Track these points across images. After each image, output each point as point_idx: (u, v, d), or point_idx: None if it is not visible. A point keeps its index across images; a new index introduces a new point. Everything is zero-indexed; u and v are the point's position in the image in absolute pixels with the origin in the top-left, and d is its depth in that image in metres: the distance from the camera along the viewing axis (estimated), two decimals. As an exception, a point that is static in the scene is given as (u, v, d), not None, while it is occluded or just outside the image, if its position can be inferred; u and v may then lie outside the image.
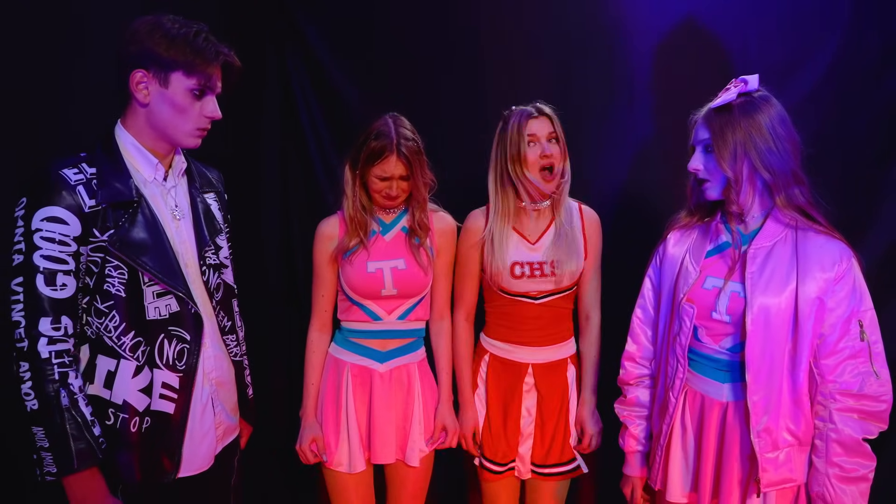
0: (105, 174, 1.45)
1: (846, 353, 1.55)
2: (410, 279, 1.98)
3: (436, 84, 2.41)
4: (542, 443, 2.04)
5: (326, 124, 2.52)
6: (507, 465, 2.05)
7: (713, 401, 1.65)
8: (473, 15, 2.39)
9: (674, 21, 2.27)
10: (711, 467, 1.66)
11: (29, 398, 1.37)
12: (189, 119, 1.48)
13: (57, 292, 1.39)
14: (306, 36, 2.46)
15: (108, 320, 1.46)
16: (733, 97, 1.58)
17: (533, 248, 2.01)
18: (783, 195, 1.58)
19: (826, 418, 1.56)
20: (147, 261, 1.46)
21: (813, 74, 2.18)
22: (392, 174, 1.90)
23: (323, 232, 2.03)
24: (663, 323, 1.77)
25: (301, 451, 2.02)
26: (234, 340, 1.73)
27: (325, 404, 2.04)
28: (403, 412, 2.02)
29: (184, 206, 1.59)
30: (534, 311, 2.02)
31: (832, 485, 1.55)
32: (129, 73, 1.44)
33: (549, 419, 2.03)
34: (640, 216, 2.33)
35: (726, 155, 1.57)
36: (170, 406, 1.52)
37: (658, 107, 2.32)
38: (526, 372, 2.04)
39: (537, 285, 2.01)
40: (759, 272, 1.58)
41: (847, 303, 1.55)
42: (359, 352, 2.02)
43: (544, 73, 2.36)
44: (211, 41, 1.46)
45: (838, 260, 1.55)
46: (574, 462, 2.06)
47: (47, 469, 1.38)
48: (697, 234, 1.74)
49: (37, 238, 1.37)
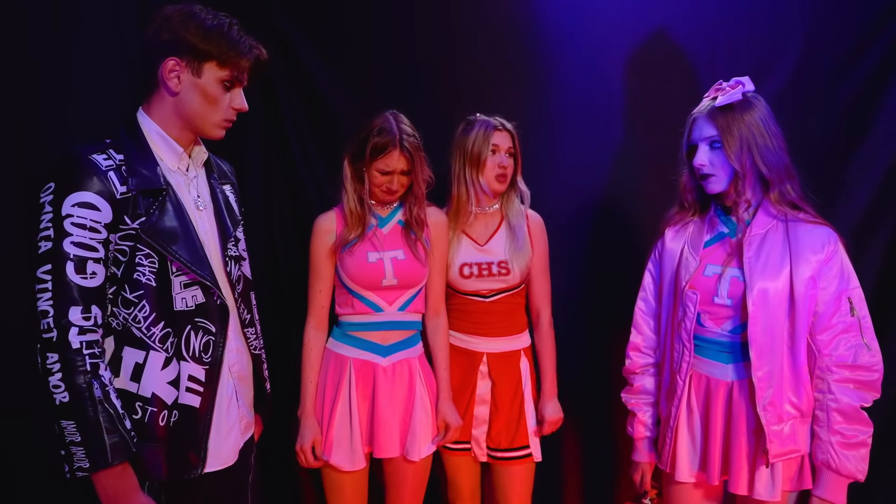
0: (133, 160, 1.42)
1: (839, 328, 1.67)
2: (410, 269, 2.02)
3: (418, 86, 2.46)
4: (495, 428, 2.13)
5: (310, 124, 2.54)
6: (460, 444, 2.14)
7: (718, 381, 1.74)
8: (454, 19, 2.47)
9: (647, 30, 2.39)
10: (719, 445, 1.74)
11: (58, 391, 1.31)
12: (218, 110, 1.48)
13: (87, 280, 1.34)
14: (288, 36, 2.48)
15: (136, 310, 1.42)
16: (739, 96, 1.70)
17: (481, 249, 2.13)
18: (777, 190, 1.71)
19: (825, 390, 1.67)
20: (177, 249, 1.43)
21: (778, 80, 2.34)
22: (394, 168, 1.95)
23: (321, 226, 2.04)
24: (666, 312, 1.87)
25: (302, 451, 1.99)
26: (254, 333, 1.70)
27: (325, 400, 2.02)
28: (405, 406, 2.03)
29: (205, 196, 1.58)
30: (484, 307, 2.14)
31: (836, 451, 1.65)
32: (161, 61, 1.42)
33: (503, 406, 2.13)
34: (616, 218, 2.47)
35: (734, 149, 1.68)
36: (196, 399, 1.48)
37: (634, 111, 2.44)
38: (481, 360, 2.15)
39: (486, 284, 2.12)
40: (756, 257, 1.69)
41: (837, 282, 1.67)
42: (361, 346, 2.03)
43: (526, 77, 2.46)
44: (244, 34, 1.47)
45: (827, 242, 1.68)
46: (526, 449, 2.15)
47: (78, 465, 1.31)
48: (693, 227, 1.84)
49: (67, 224, 1.33)
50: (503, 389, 2.14)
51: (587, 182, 2.49)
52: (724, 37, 2.37)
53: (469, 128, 2.10)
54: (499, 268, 2.11)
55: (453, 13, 2.46)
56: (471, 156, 2.08)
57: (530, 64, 2.46)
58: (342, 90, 2.49)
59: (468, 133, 2.09)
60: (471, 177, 2.09)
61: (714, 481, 1.75)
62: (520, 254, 2.11)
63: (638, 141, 2.43)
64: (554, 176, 2.43)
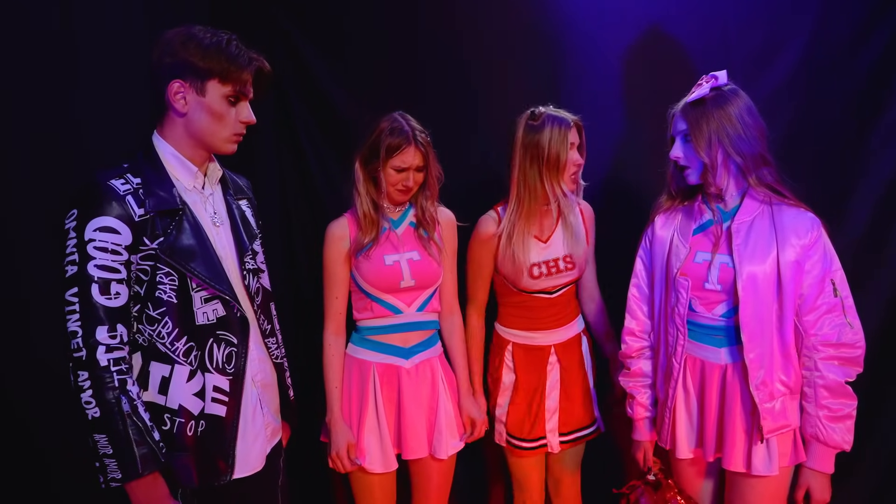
0: (150, 183, 1.48)
1: (823, 308, 1.76)
2: (426, 269, 2.05)
3: (426, 85, 2.48)
4: (568, 411, 2.17)
5: (320, 126, 2.56)
6: (536, 440, 2.16)
7: (713, 365, 1.83)
8: (461, 18, 2.47)
9: (655, 15, 2.39)
10: (714, 424, 1.84)
11: (90, 406, 1.38)
12: (226, 125, 1.52)
13: (111, 301, 1.41)
14: (294, 38, 2.50)
15: (160, 327, 1.48)
16: (707, 91, 1.78)
17: (545, 246, 2.11)
18: (754, 176, 1.79)
19: (812, 367, 1.77)
20: (196, 266, 1.49)
21: (789, 62, 2.35)
22: (410, 164, 1.97)
23: (334, 233, 2.05)
24: (658, 298, 1.95)
25: (338, 458, 2.02)
26: (275, 343, 1.76)
27: (352, 406, 2.06)
28: (429, 406, 2.07)
29: (222, 212, 1.63)
30: (547, 303, 2.16)
31: (823, 424, 1.76)
32: (166, 84, 1.47)
33: (573, 388, 2.18)
34: (621, 203, 2.49)
35: (702, 143, 1.76)
36: (222, 409, 1.55)
37: (641, 101, 2.44)
38: (549, 352, 2.17)
39: (553, 281, 2.13)
40: (745, 244, 1.78)
41: (820, 265, 1.77)
42: (383, 350, 2.06)
43: (533, 73, 2.46)
44: (242, 48, 1.51)
45: (810, 228, 1.77)
46: (594, 424, 2.22)
47: (111, 475, 1.39)
48: (682, 215, 1.93)
49: (90, 248, 1.39)
50: (571, 373, 2.18)
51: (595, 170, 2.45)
52: (736, 17, 2.36)
53: (539, 126, 1.99)
54: (564, 263, 2.11)
55: (460, 12, 2.46)
56: (548, 158, 1.98)
57: (538, 59, 2.46)
58: (352, 93, 2.50)
59: (539, 132, 1.99)
60: (549, 177, 1.99)
61: (709, 458, 1.86)
62: (579, 246, 2.12)
63: (646, 134, 2.41)
64: None
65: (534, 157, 2.01)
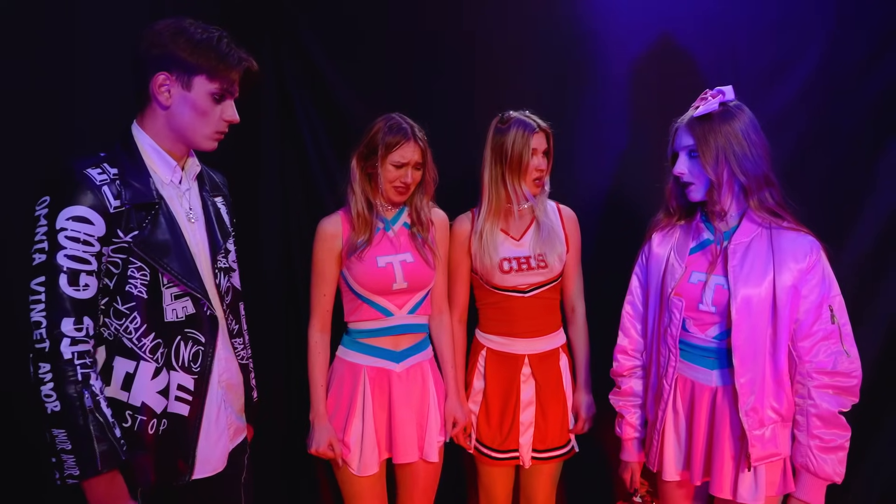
0: (127, 174, 1.45)
1: (819, 335, 1.71)
2: (419, 272, 2.03)
3: (430, 89, 2.47)
4: (543, 429, 2.13)
5: (324, 126, 2.55)
6: (506, 452, 2.14)
7: (703, 386, 1.78)
8: (469, 19, 2.47)
9: (666, 27, 2.39)
10: (702, 447, 1.79)
11: (50, 400, 1.34)
12: (209, 122, 1.50)
13: (80, 292, 1.37)
14: (301, 38, 2.50)
15: (128, 321, 1.45)
16: (715, 106, 1.73)
17: (518, 244, 2.12)
18: (755, 198, 1.74)
19: (805, 395, 1.71)
20: (169, 262, 1.47)
21: (802, 74, 2.33)
22: (409, 160, 1.96)
23: (326, 230, 2.03)
24: (652, 317, 1.90)
25: (318, 454, 2.01)
26: (242, 343, 1.74)
27: (340, 409, 2.03)
28: (419, 409, 2.05)
29: (197, 208, 1.60)
30: (523, 304, 2.13)
31: (814, 455, 1.70)
32: (151, 76, 1.44)
33: (549, 406, 2.14)
34: (623, 216, 2.47)
35: (710, 159, 1.71)
36: (184, 408, 1.52)
37: (647, 113, 2.43)
38: (522, 363, 2.15)
39: (525, 278, 2.12)
40: (740, 266, 1.73)
41: (818, 290, 1.71)
42: (374, 353, 2.03)
43: (536, 80, 2.46)
44: (233, 47, 1.49)
45: (809, 252, 1.71)
46: (569, 444, 2.19)
47: (69, 472, 1.35)
48: (680, 233, 1.88)
49: (61, 237, 1.35)
50: (547, 389, 2.14)
51: (597, 183, 2.50)
52: (746, 30, 2.35)
53: (506, 128, 2.05)
54: (536, 260, 2.10)
55: (468, 14, 2.46)
56: (510, 158, 2.04)
57: (542, 68, 2.45)
58: (354, 91, 2.50)
59: (505, 134, 2.04)
60: (511, 179, 2.05)
61: (696, 482, 1.80)
62: (553, 247, 2.10)
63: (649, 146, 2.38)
64: (567, 174, 2.39)
65: (498, 158, 2.07)
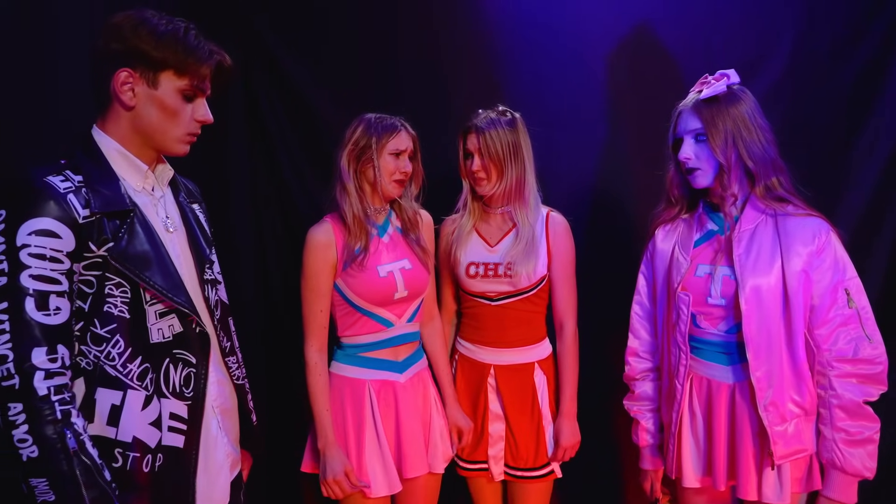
0: (94, 181, 1.28)
1: (837, 321, 1.61)
2: (418, 277, 1.94)
3: (409, 90, 2.43)
4: (514, 445, 2.03)
5: (294, 130, 2.46)
6: (475, 463, 2.07)
7: (720, 384, 1.70)
8: (440, 18, 2.42)
9: (638, 20, 2.34)
10: (724, 450, 1.70)
11: (25, 445, 1.15)
12: (180, 123, 1.34)
13: (50, 317, 1.19)
14: (266, 39, 2.42)
15: (109, 346, 1.27)
16: (723, 88, 1.66)
17: (492, 250, 2.03)
18: (762, 184, 1.66)
19: (827, 386, 1.62)
20: (151, 276, 1.29)
21: (775, 69, 2.28)
22: (406, 147, 1.89)
23: (318, 240, 1.86)
24: (661, 315, 1.83)
25: (336, 483, 1.83)
26: (235, 362, 1.56)
27: (348, 428, 1.90)
28: (423, 420, 1.97)
29: (175, 217, 1.44)
30: (491, 312, 2.03)
31: (840, 449, 1.60)
32: (112, 73, 1.28)
33: (519, 423, 2.02)
34: (611, 216, 2.42)
35: (719, 142, 1.64)
36: (179, 439, 1.35)
37: (626, 110, 2.38)
38: (488, 373, 2.05)
39: (491, 286, 2.01)
40: (746, 254, 1.65)
41: (831, 273, 1.62)
42: (376, 366, 1.92)
43: (519, 81, 2.42)
44: (201, 39, 1.33)
45: (818, 233, 1.62)
46: (548, 467, 2.04)
47: None
48: (683, 226, 1.80)
49: (24, 255, 1.18)
50: (516, 405, 2.02)
51: (580, 179, 2.44)
52: (719, 24, 2.31)
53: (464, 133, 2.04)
54: (504, 269, 1.99)
55: (438, 12, 2.41)
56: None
57: (524, 68, 2.41)
58: (324, 92, 2.43)
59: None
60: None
61: (720, 487, 1.71)
62: (527, 257, 1.96)
63: (633, 137, 2.36)
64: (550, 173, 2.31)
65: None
